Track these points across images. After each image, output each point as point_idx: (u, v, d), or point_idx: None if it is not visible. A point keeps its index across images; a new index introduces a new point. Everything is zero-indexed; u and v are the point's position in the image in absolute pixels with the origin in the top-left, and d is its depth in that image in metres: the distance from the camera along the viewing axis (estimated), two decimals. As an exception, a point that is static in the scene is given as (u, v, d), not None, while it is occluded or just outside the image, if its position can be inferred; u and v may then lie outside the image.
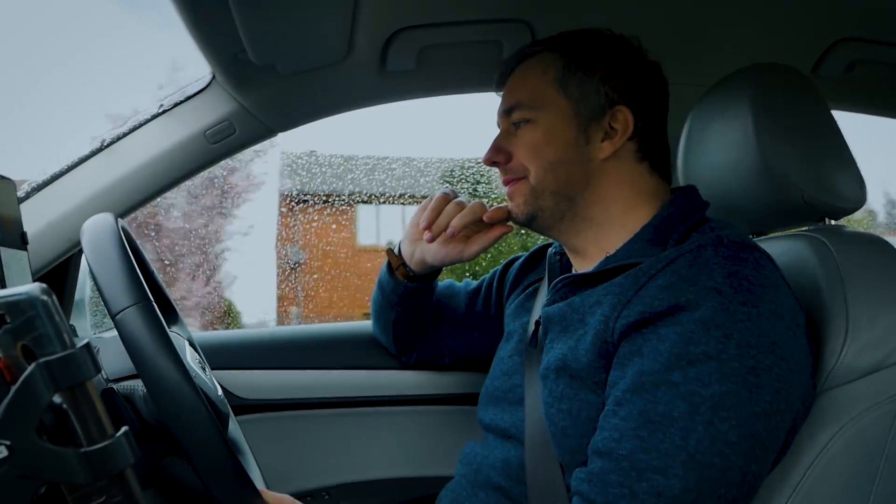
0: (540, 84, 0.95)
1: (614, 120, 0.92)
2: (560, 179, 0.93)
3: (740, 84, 0.96)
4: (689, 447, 0.72)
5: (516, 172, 0.96)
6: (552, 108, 0.94)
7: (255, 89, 1.25)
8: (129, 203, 1.28)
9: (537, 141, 0.94)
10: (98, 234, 0.83)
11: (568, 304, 0.89)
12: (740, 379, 0.73)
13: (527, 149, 0.95)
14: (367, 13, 1.07)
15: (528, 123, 0.95)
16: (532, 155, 0.94)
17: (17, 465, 0.44)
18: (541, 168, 0.94)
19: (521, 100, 0.96)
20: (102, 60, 3.20)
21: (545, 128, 0.94)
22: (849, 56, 1.29)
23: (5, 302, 0.46)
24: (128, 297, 0.77)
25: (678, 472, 0.71)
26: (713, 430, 0.72)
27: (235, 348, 1.38)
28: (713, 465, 0.71)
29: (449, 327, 1.27)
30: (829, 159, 0.94)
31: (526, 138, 0.95)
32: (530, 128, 0.95)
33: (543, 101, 0.94)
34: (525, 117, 0.95)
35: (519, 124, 0.96)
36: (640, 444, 0.73)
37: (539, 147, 0.94)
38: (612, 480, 0.74)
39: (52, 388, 0.45)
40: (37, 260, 1.21)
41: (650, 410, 0.74)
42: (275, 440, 1.34)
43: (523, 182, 0.95)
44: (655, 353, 0.76)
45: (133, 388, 0.87)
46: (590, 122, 0.93)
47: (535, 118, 0.94)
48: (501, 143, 0.97)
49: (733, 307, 0.75)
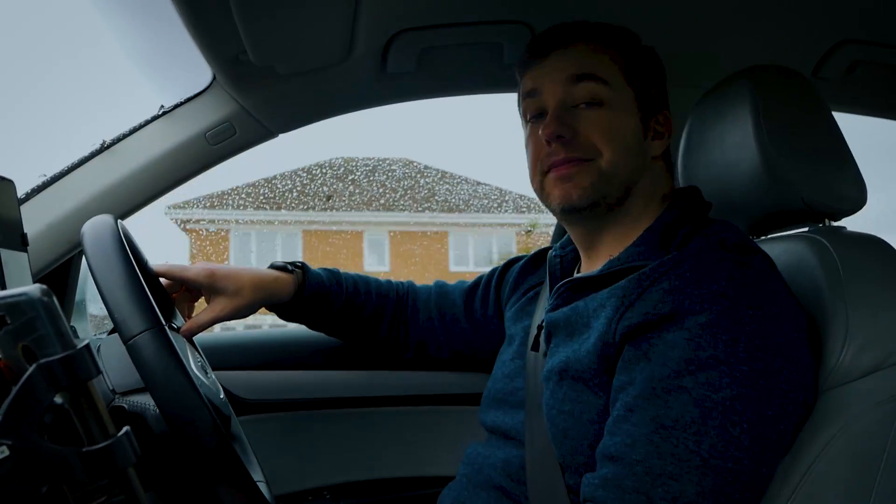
0: (612, 69, 0.91)
1: (659, 122, 0.94)
2: (629, 168, 0.90)
3: (741, 85, 0.96)
4: (703, 452, 0.72)
5: (586, 152, 0.89)
6: (623, 94, 0.91)
7: (256, 91, 1.25)
8: (130, 204, 1.28)
9: (614, 123, 0.89)
10: (101, 242, 0.83)
11: (572, 309, 0.89)
12: (750, 382, 0.73)
13: (602, 130, 0.89)
14: (368, 15, 1.07)
15: (600, 107, 0.89)
16: (608, 137, 0.88)
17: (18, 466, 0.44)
18: (616, 151, 0.88)
19: (597, 72, 0.90)
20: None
21: (619, 111, 0.90)
22: (850, 57, 1.29)
23: (6, 303, 0.46)
24: (140, 322, 0.76)
25: (693, 477, 0.71)
26: (726, 435, 0.72)
27: (236, 349, 1.38)
28: (727, 469, 0.72)
29: (446, 327, 1.27)
30: (829, 161, 0.94)
31: (602, 119, 0.89)
32: (604, 109, 0.89)
33: (616, 85, 0.90)
34: (598, 95, 0.89)
35: (591, 104, 0.89)
36: (654, 450, 0.73)
37: (616, 129, 0.89)
38: (627, 486, 0.74)
39: (53, 389, 0.45)
40: (37, 261, 1.21)
41: (663, 416, 0.74)
42: (276, 440, 1.34)
43: (591, 164, 0.89)
44: (664, 359, 0.75)
45: (144, 406, 0.86)
46: (646, 119, 0.93)
47: (608, 99, 0.89)
48: (566, 118, 0.90)
49: (739, 311, 0.75)
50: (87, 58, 3.03)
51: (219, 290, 1.10)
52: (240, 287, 1.10)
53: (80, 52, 3.61)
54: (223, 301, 1.09)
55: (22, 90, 13.22)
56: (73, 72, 9.20)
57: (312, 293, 1.17)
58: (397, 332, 1.27)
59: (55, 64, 13.22)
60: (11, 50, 11.31)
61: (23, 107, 11.39)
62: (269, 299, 1.14)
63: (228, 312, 1.10)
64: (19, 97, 13.11)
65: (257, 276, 1.13)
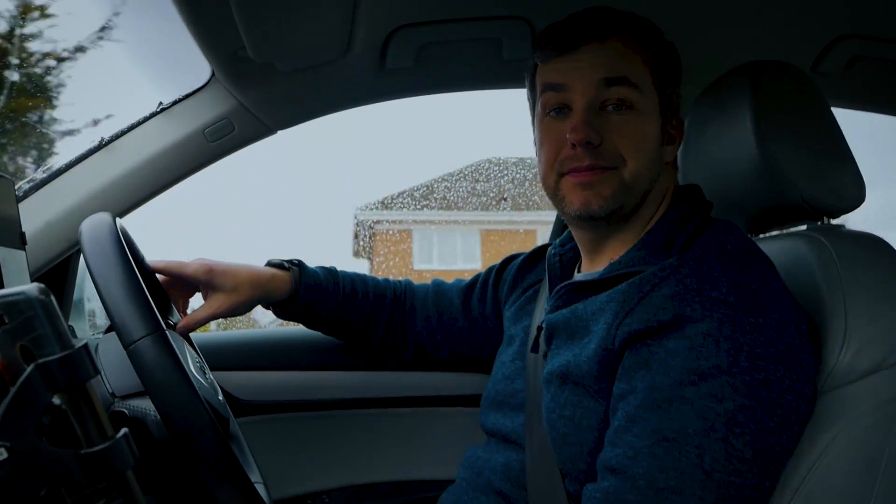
0: (643, 71, 0.87)
1: (673, 126, 0.91)
2: (650, 178, 0.87)
3: (739, 81, 0.95)
4: (706, 465, 0.71)
5: (610, 161, 0.85)
6: (650, 98, 0.87)
7: (255, 87, 1.25)
8: (128, 202, 1.28)
9: (641, 132, 0.86)
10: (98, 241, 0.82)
11: (571, 311, 0.88)
12: (753, 393, 0.72)
13: (629, 138, 0.85)
14: (367, 10, 1.06)
15: (630, 110, 0.85)
16: (634, 146, 0.85)
17: (16, 467, 0.43)
18: (641, 161, 0.85)
19: (631, 76, 0.85)
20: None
21: (645, 118, 0.86)
22: (849, 53, 1.29)
23: (3, 302, 0.46)
24: (141, 327, 0.76)
25: (696, 491, 0.71)
26: (728, 448, 0.71)
27: (235, 349, 1.38)
28: (730, 483, 0.71)
29: (444, 326, 1.26)
30: (828, 157, 0.93)
31: (630, 125, 0.85)
32: (633, 114, 0.85)
33: (645, 87, 0.86)
34: (630, 99, 0.85)
35: (620, 107, 0.85)
36: (657, 463, 0.73)
37: (643, 139, 0.86)
38: (629, 500, 0.73)
39: (51, 389, 0.45)
40: (35, 260, 1.21)
41: (665, 428, 0.73)
42: (274, 442, 1.34)
43: (613, 173, 0.85)
44: (666, 368, 0.75)
45: (145, 410, 0.86)
46: (665, 123, 0.90)
47: (638, 104, 0.85)
48: (595, 122, 0.85)
49: (740, 318, 0.74)
50: (86, 57, 3.01)
51: (216, 287, 1.09)
52: (237, 284, 1.10)
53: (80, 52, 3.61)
54: (220, 298, 1.09)
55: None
56: (72, 71, 9.17)
57: (309, 291, 1.17)
58: (395, 331, 1.27)
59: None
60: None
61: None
62: (266, 297, 1.14)
63: (225, 309, 1.09)
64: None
65: (255, 273, 1.13)
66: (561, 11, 0.98)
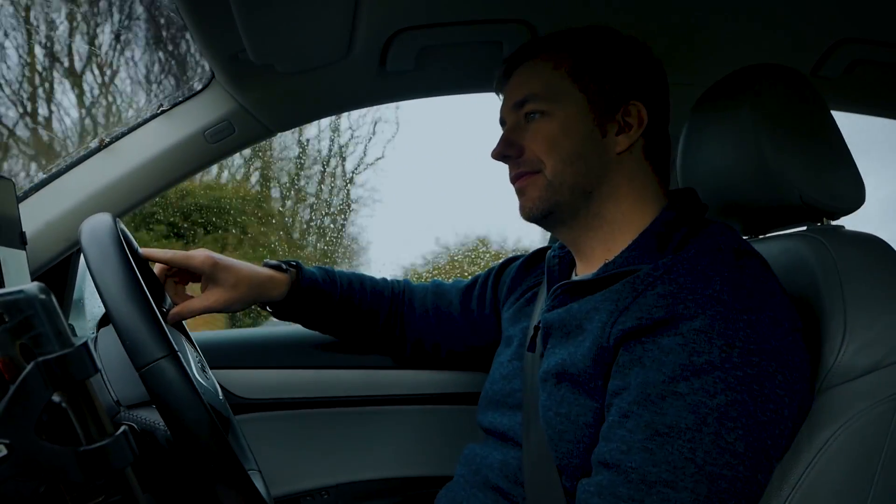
0: (554, 77, 0.93)
1: (628, 114, 0.92)
2: (578, 173, 0.91)
3: (739, 85, 0.96)
4: (698, 459, 0.72)
5: (531, 166, 0.93)
6: (568, 101, 0.92)
7: (255, 89, 1.25)
8: (128, 203, 1.28)
9: (554, 133, 0.92)
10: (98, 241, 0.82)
11: (567, 311, 0.89)
12: (745, 388, 0.73)
13: (542, 141, 0.92)
14: (367, 13, 1.06)
15: (543, 116, 0.93)
16: (549, 147, 0.92)
17: (15, 464, 0.43)
18: (559, 161, 0.91)
19: (534, 91, 0.93)
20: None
21: (562, 120, 0.92)
22: (849, 56, 1.29)
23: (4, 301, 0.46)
24: (154, 349, 0.75)
25: (688, 484, 0.71)
26: (721, 442, 0.72)
27: (235, 347, 1.38)
28: (722, 476, 0.71)
29: (442, 325, 1.27)
30: (827, 160, 0.94)
31: (542, 131, 0.92)
32: (545, 120, 0.92)
33: (559, 93, 0.92)
34: (539, 109, 0.93)
35: (533, 116, 0.93)
36: (649, 457, 0.73)
37: (556, 139, 0.91)
38: (622, 494, 0.74)
39: (51, 387, 0.45)
40: (35, 259, 1.21)
41: (657, 422, 0.74)
42: (274, 440, 1.34)
43: (538, 176, 0.93)
44: (659, 364, 0.75)
45: (154, 424, 0.86)
46: (605, 116, 0.92)
47: (550, 110, 0.92)
48: (513, 137, 0.95)
49: (733, 315, 0.75)
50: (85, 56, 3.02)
51: (217, 281, 1.10)
52: (237, 281, 1.10)
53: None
54: (219, 292, 1.10)
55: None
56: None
57: (306, 292, 1.18)
58: (393, 329, 1.27)
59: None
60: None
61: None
62: (263, 297, 1.15)
63: (222, 304, 1.10)
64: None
65: (254, 272, 1.13)
66: (561, 14, 0.98)
